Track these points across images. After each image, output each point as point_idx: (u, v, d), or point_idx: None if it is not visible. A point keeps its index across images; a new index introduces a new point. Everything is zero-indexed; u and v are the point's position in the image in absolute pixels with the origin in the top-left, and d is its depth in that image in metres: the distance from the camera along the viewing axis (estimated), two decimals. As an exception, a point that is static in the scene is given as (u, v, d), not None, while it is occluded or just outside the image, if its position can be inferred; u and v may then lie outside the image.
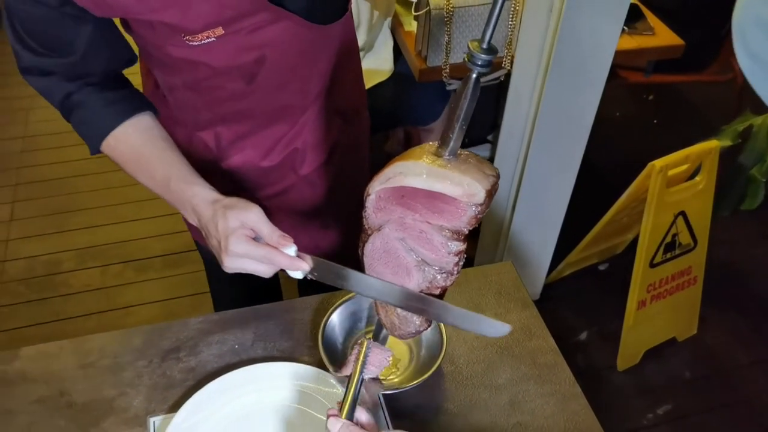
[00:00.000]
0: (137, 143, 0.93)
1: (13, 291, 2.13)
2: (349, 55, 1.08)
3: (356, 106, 1.19)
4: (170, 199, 0.92)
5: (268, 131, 1.06)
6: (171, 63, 0.94)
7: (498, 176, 0.62)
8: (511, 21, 1.72)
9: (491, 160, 1.91)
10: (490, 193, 0.61)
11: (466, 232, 0.64)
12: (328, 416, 0.72)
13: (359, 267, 0.83)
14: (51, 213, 2.41)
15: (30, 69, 0.89)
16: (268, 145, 1.08)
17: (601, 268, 2.24)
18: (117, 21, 0.92)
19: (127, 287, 2.16)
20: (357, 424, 0.72)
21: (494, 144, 2.16)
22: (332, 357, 0.94)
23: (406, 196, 0.66)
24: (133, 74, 1.02)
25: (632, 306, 1.82)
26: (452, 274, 0.69)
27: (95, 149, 0.94)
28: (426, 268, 0.70)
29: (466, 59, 0.57)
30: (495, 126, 2.16)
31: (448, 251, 0.65)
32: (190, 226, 1.28)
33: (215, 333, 1.02)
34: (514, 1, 1.70)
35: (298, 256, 0.80)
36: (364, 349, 0.77)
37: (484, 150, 2.22)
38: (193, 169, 0.91)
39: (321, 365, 0.93)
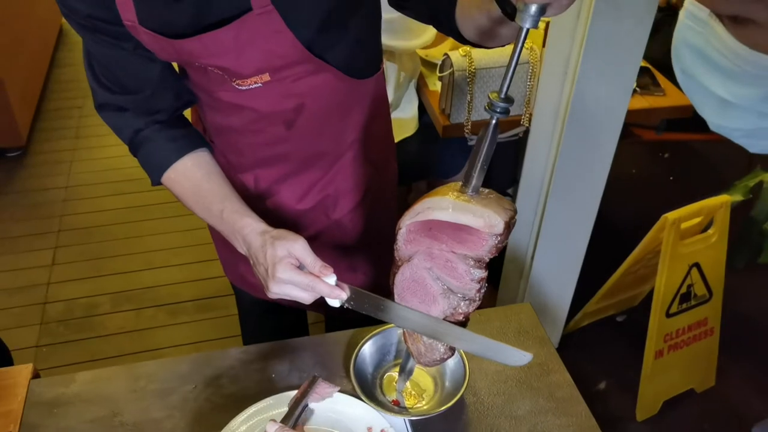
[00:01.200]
0: (196, 176, 1.03)
1: (53, 331, 2.23)
2: (380, 108, 1.19)
3: (386, 156, 1.29)
4: (223, 230, 1.01)
5: (304, 176, 1.16)
6: (220, 107, 1.05)
7: (515, 211, 0.71)
8: (530, 82, 1.84)
9: (511, 212, 2.00)
10: (508, 225, 0.70)
11: (487, 260, 0.73)
12: (271, 421, 0.81)
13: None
14: (89, 258, 2.53)
15: (105, 106, 1.02)
16: (303, 189, 1.17)
17: (619, 319, 2.29)
18: (176, 67, 1.05)
19: (159, 330, 2.25)
20: None
21: (514, 197, 2.25)
22: (363, 386, 1.01)
23: (434, 228, 0.75)
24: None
25: (650, 355, 1.86)
26: (474, 301, 0.77)
27: (156, 181, 1.05)
28: (451, 296, 0.78)
29: (486, 107, 0.67)
30: (515, 180, 2.26)
31: (471, 278, 0.74)
32: (227, 268, 1.38)
33: (254, 363, 1.10)
34: (532, 64, 1.83)
35: (337, 285, 0.89)
36: (314, 381, 0.89)
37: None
38: (244, 204, 1.01)
39: (352, 393, 1.00)
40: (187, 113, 1.15)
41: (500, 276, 2.13)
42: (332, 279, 0.88)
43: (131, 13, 0.90)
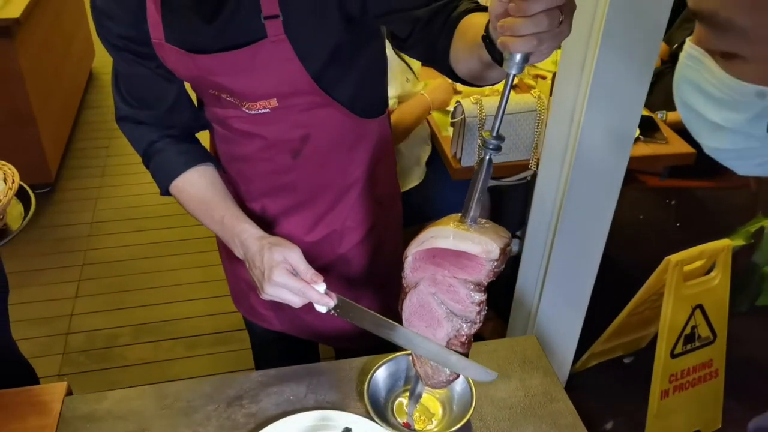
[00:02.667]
0: (201, 186, 1.15)
1: (75, 361, 2.30)
2: (384, 149, 1.27)
3: (390, 194, 1.36)
4: (223, 235, 1.12)
5: (310, 209, 1.23)
6: (232, 136, 1.16)
7: (510, 238, 0.79)
8: (537, 128, 1.94)
9: (519, 254, 2.08)
10: (504, 251, 0.78)
11: (486, 284, 0.80)
12: None
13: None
14: (112, 291, 2.62)
15: (125, 118, 1.15)
16: (310, 222, 1.24)
17: (626, 360, 2.32)
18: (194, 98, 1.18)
19: (177, 362, 2.32)
20: None
21: (522, 238, 2.33)
22: (376, 408, 1.07)
23: (437, 256, 0.83)
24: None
25: (655, 394, 1.90)
26: (475, 323, 0.84)
27: (165, 190, 1.17)
28: (454, 319, 0.85)
29: (480, 144, 0.75)
30: (523, 223, 2.34)
31: (471, 301, 0.81)
32: (237, 300, 1.45)
33: (273, 385, 1.16)
34: (539, 112, 1.93)
35: (326, 293, 0.98)
36: None
37: (513, 245, 2.38)
38: (243, 212, 1.12)
39: (366, 415, 1.06)
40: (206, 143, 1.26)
41: (509, 315, 2.19)
42: (322, 287, 0.98)
43: (160, 32, 1.03)
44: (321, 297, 0.98)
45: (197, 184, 1.15)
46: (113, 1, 1.04)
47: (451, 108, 2.02)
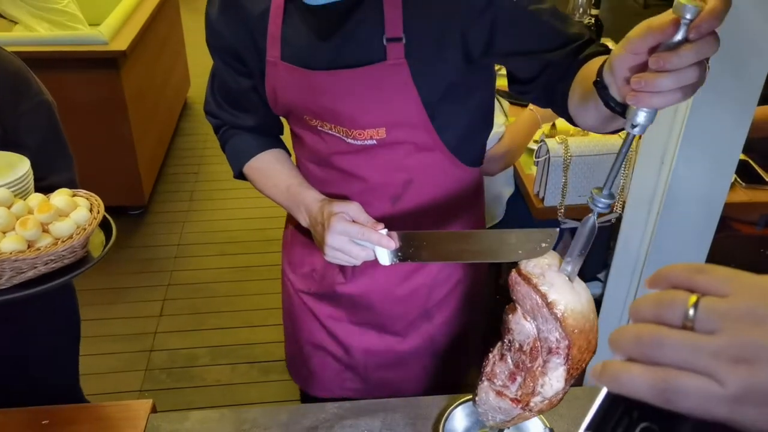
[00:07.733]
0: (268, 161, 1.20)
1: (156, 378, 2.39)
2: (477, 198, 1.27)
3: None
4: (289, 204, 1.14)
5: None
6: (330, 179, 1.14)
7: None
8: (624, 170, 1.89)
9: (600, 297, 2.01)
10: None
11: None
12: None
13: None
14: (193, 312, 2.72)
15: (211, 113, 1.22)
16: (402, 274, 1.23)
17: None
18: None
19: (252, 386, 2.36)
20: None
21: (605, 282, 2.25)
22: (451, 450, 1.06)
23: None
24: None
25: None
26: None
27: (238, 173, 1.23)
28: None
29: (588, 200, 0.68)
30: (606, 265, 2.27)
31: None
32: (291, 366, 1.46)
33: (348, 418, 1.17)
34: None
35: (388, 235, 0.96)
36: None
37: (595, 287, 2.31)
38: (306, 182, 1.15)
39: (440, 456, 1.05)
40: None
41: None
42: (383, 231, 0.96)
43: (277, 50, 1.04)
44: (382, 237, 0.95)
45: (265, 161, 1.20)
46: (232, 16, 1.06)
47: (534, 146, 2.00)
